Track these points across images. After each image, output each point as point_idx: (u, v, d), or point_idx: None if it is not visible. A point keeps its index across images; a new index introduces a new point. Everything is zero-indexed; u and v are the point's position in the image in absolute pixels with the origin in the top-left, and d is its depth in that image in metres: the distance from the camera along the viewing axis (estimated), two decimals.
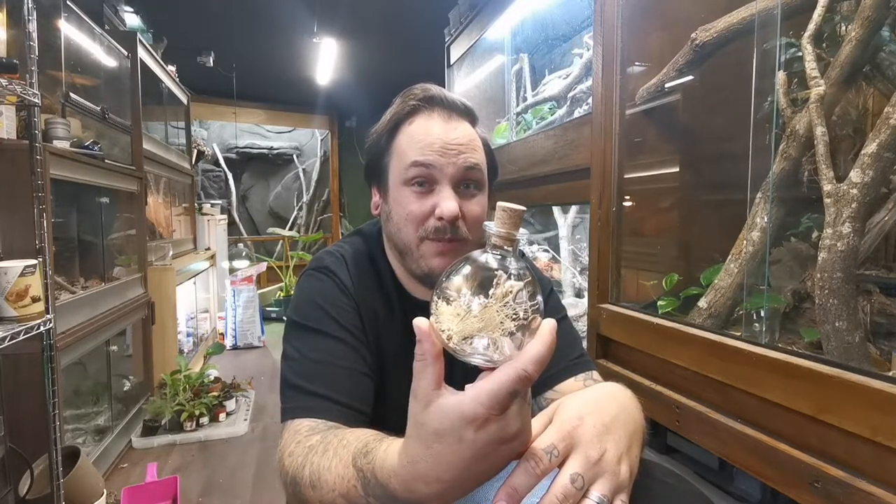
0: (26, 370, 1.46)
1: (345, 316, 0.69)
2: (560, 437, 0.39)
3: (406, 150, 0.67)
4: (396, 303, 0.75)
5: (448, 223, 0.65)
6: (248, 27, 3.66)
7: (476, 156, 0.68)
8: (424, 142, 0.66)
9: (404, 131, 0.69)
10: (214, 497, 1.84)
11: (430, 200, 0.66)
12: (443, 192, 0.65)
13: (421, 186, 0.66)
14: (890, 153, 0.83)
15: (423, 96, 0.69)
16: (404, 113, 0.69)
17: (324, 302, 0.69)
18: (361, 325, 0.71)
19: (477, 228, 0.69)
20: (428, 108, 0.68)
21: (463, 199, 0.67)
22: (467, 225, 0.67)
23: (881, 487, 0.71)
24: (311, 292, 0.71)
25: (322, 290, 0.71)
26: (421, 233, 0.66)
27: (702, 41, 1.18)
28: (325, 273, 0.73)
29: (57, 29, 1.84)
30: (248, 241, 5.94)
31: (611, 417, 0.43)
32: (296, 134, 6.26)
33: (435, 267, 0.67)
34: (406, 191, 0.67)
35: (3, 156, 1.42)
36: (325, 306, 0.69)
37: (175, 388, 2.35)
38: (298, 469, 0.52)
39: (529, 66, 2.62)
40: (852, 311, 0.87)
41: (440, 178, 0.66)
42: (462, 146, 0.66)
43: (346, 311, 0.69)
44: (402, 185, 0.67)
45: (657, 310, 1.26)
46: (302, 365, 0.65)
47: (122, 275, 2.25)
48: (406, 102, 0.69)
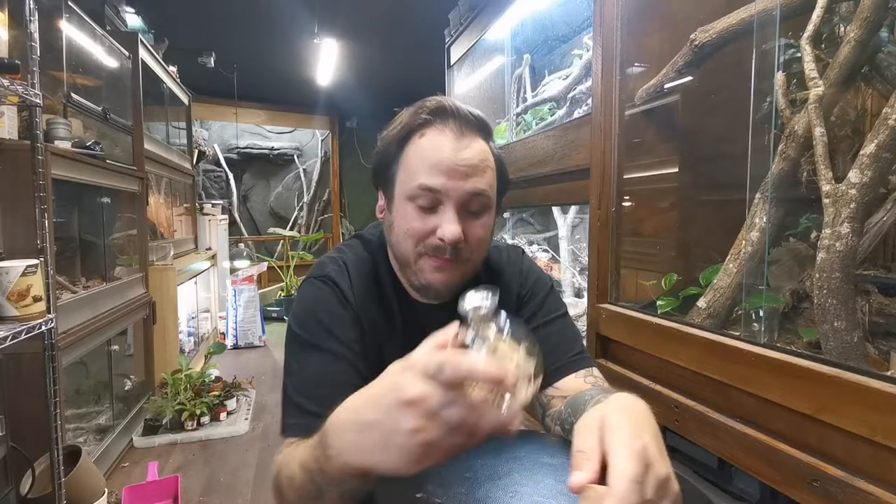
0: (28, 370, 1.47)
1: (342, 329, 0.69)
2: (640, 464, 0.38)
3: (414, 167, 0.66)
4: (397, 309, 0.75)
5: (449, 245, 0.64)
6: (248, 28, 3.67)
7: (484, 179, 0.66)
8: (433, 160, 0.64)
9: (414, 143, 0.67)
10: (215, 496, 1.84)
11: (433, 220, 0.65)
12: (446, 213, 0.64)
13: (425, 205, 0.65)
14: (888, 154, 0.84)
15: (437, 108, 0.66)
16: (416, 124, 0.67)
17: (323, 314, 0.70)
18: (360, 334, 0.71)
19: (480, 250, 0.69)
20: (440, 122, 0.66)
21: (466, 221, 0.66)
22: (469, 247, 0.67)
23: (880, 486, 0.71)
24: (312, 302, 0.71)
25: (321, 301, 0.71)
26: (420, 249, 0.66)
27: (701, 42, 1.18)
28: (325, 282, 0.73)
29: (58, 29, 1.85)
30: (248, 241, 5.95)
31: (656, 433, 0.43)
32: (296, 134, 6.27)
33: (432, 282, 0.67)
34: (410, 206, 0.66)
35: (5, 156, 1.43)
36: (325, 319, 0.69)
37: (176, 388, 2.35)
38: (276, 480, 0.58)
39: (529, 66, 2.63)
40: (851, 311, 0.88)
41: (445, 200, 0.65)
42: (471, 168, 0.64)
43: (345, 324, 0.70)
44: (407, 199, 0.67)
45: (656, 310, 1.26)
46: (301, 381, 0.67)
47: (123, 274, 2.25)
48: (418, 114, 0.67)
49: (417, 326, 0.72)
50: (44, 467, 1.46)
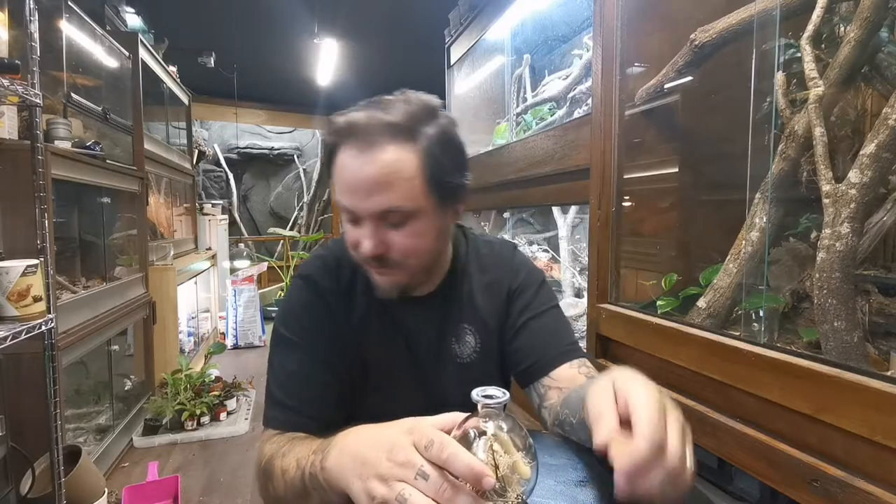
0: (28, 370, 1.47)
1: (320, 328, 0.73)
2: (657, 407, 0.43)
3: (336, 185, 0.66)
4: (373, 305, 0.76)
5: (369, 257, 0.65)
6: (248, 28, 3.67)
7: (393, 193, 0.62)
8: (342, 182, 0.64)
9: (335, 162, 0.65)
10: (215, 496, 1.84)
11: (358, 232, 0.66)
12: (364, 228, 0.65)
13: (351, 219, 0.67)
14: (888, 154, 0.84)
15: (339, 127, 0.64)
16: (333, 143, 0.65)
17: (302, 312, 0.74)
18: (336, 328, 0.74)
19: (416, 254, 0.67)
20: (345, 140, 0.63)
21: (388, 233, 0.65)
22: (398, 255, 0.66)
23: (879, 486, 0.71)
24: (294, 303, 0.75)
25: (302, 301, 0.75)
26: (359, 256, 0.68)
27: (701, 42, 1.18)
28: (306, 281, 0.76)
29: (58, 30, 1.85)
30: (248, 241, 5.95)
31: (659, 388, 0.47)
32: (296, 134, 6.27)
33: (378, 283, 0.70)
34: (344, 218, 0.68)
35: (5, 156, 1.43)
36: (303, 317, 0.73)
37: (176, 388, 2.35)
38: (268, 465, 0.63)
39: (529, 66, 2.63)
40: (851, 311, 0.88)
41: (362, 216, 0.65)
42: (374, 184, 0.61)
43: (321, 321, 0.73)
44: (342, 212, 0.68)
45: (656, 310, 1.26)
46: (280, 375, 0.72)
47: (123, 274, 2.25)
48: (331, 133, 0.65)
49: (392, 320, 0.76)
50: (44, 467, 1.46)
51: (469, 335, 0.78)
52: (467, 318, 0.78)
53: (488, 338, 0.79)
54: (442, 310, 0.78)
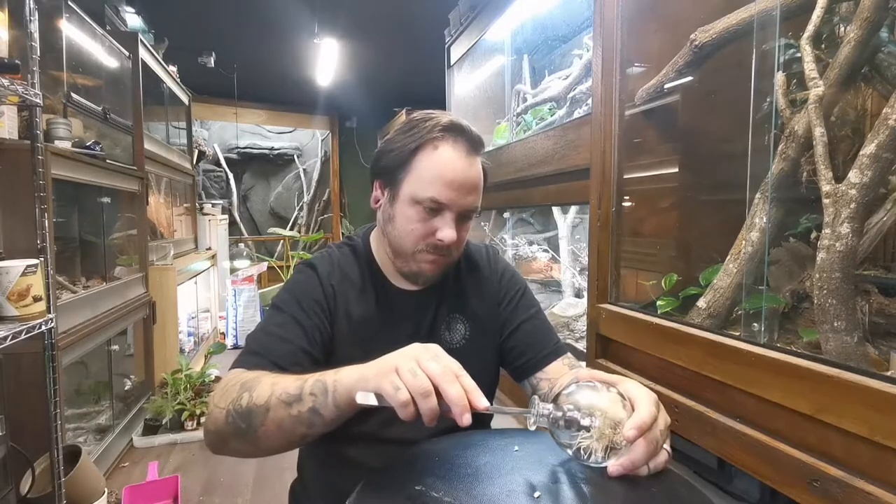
0: (28, 369, 1.47)
1: (310, 303, 0.78)
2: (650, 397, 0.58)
3: (426, 178, 0.73)
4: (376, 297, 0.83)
5: (446, 246, 0.75)
6: (248, 28, 3.67)
7: (479, 196, 0.78)
8: (447, 177, 0.72)
9: (427, 153, 0.73)
10: (215, 496, 1.84)
11: (433, 223, 0.74)
12: (446, 219, 0.74)
13: (430, 210, 0.74)
14: (888, 154, 0.84)
15: (451, 124, 0.74)
16: (431, 136, 0.73)
17: (296, 288, 0.80)
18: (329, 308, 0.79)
19: (462, 247, 0.82)
20: (453, 138, 0.73)
21: (458, 226, 0.76)
22: (458, 244, 0.78)
23: (880, 487, 0.71)
24: (293, 283, 0.82)
25: (300, 281, 0.81)
26: (420, 246, 0.76)
27: (701, 42, 1.18)
28: (308, 266, 0.83)
29: (58, 29, 1.85)
30: (248, 241, 5.95)
31: None
32: (296, 134, 6.27)
33: (426, 270, 0.78)
34: (414, 210, 0.74)
35: (5, 156, 1.43)
36: (296, 291, 0.80)
37: (176, 388, 2.35)
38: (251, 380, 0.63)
39: (529, 66, 2.63)
40: (851, 312, 0.88)
41: (447, 210, 0.74)
42: (473, 186, 0.75)
43: (314, 299, 0.78)
44: (412, 202, 0.74)
45: (656, 310, 1.26)
46: (259, 335, 0.77)
47: (123, 274, 2.25)
48: (434, 126, 0.74)
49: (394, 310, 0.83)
50: (44, 467, 1.46)
51: (459, 323, 0.87)
52: (458, 308, 0.87)
53: (476, 327, 0.87)
54: (436, 299, 0.86)
